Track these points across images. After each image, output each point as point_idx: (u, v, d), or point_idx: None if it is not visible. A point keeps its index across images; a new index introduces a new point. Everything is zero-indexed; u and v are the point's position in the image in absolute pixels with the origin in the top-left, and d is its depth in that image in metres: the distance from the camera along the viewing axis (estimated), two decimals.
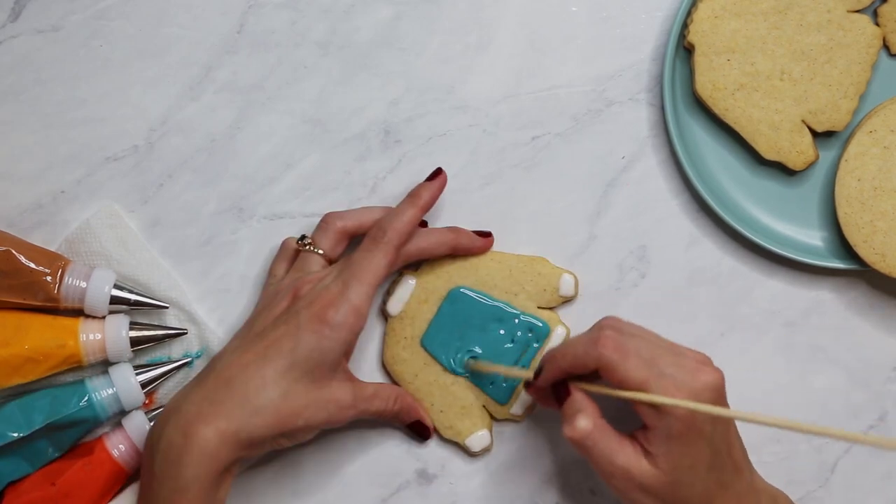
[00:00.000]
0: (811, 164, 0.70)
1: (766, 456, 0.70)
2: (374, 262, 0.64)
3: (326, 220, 0.68)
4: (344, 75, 0.71)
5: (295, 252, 0.69)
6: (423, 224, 0.70)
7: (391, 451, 0.72)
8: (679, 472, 0.59)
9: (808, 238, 0.71)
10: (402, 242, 0.66)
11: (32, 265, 0.66)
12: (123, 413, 0.69)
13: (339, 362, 0.64)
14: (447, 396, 0.70)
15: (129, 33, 0.71)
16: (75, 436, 0.68)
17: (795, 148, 0.70)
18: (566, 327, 0.70)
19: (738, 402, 0.65)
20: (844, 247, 0.70)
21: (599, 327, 0.61)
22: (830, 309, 0.72)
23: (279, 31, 0.71)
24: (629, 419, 0.61)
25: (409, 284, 0.70)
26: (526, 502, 0.72)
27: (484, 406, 0.70)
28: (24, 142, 0.71)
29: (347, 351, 0.65)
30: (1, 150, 0.71)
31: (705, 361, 0.61)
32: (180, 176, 0.71)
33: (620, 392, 0.59)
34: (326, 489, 0.72)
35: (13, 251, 0.66)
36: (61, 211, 0.71)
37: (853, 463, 0.72)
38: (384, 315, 0.71)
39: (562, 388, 0.62)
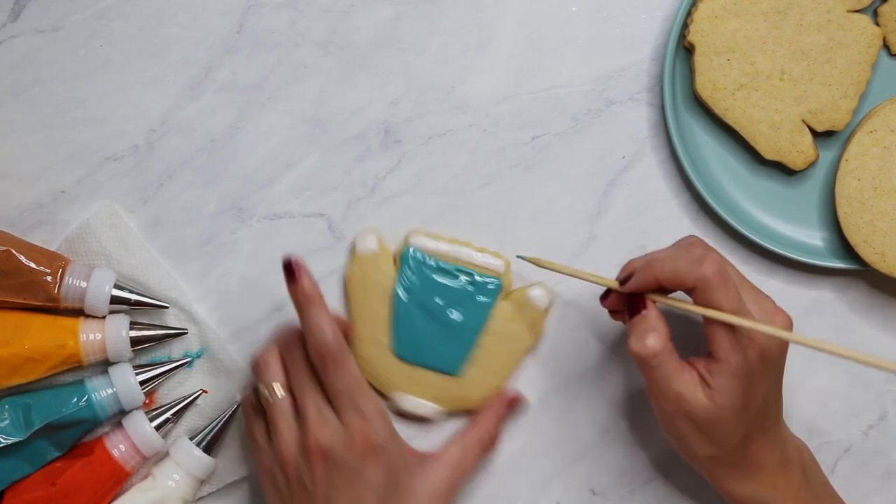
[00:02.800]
0: (811, 164, 0.70)
1: None
2: (352, 373, 0.63)
3: (260, 359, 0.65)
4: (344, 75, 0.71)
5: (259, 408, 0.66)
6: None
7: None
8: (730, 409, 0.60)
9: (808, 238, 0.71)
10: (344, 341, 0.63)
11: (32, 265, 0.66)
12: (123, 413, 0.69)
13: (407, 462, 0.64)
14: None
15: (129, 33, 0.71)
16: (75, 436, 0.68)
17: (795, 148, 0.70)
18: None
19: None
20: (844, 247, 0.70)
21: (693, 243, 0.62)
22: (830, 309, 0.72)
23: (279, 31, 0.71)
24: (687, 349, 0.62)
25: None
26: (526, 502, 0.72)
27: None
28: (24, 142, 0.71)
29: (401, 445, 0.65)
30: (1, 150, 0.71)
31: (777, 309, 0.62)
32: (180, 176, 0.71)
33: (707, 311, 0.60)
34: None
35: (13, 251, 0.66)
36: (61, 211, 0.71)
37: (853, 463, 0.72)
38: None
39: (637, 301, 0.62)
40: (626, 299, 0.63)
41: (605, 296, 0.65)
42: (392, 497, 0.63)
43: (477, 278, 0.69)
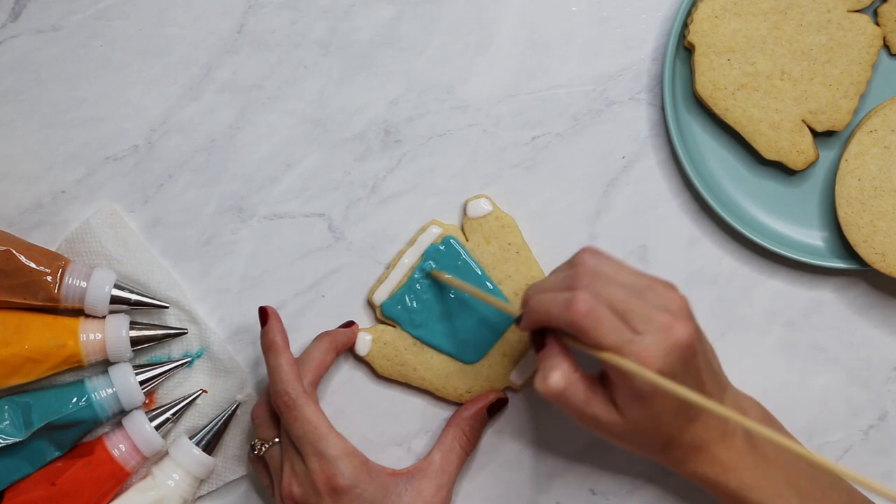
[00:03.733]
0: (811, 164, 0.70)
1: None
2: (309, 419, 0.64)
3: (255, 414, 0.68)
4: (344, 75, 0.71)
5: (260, 459, 0.68)
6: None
7: (392, 452, 0.72)
8: (645, 422, 0.59)
9: (808, 238, 0.71)
10: (304, 387, 0.65)
11: (32, 265, 0.66)
12: (123, 413, 0.69)
13: (387, 490, 0.65)
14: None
15: (129, 33, 0.71)
16: (75, 436, 0.68)
17: (796, 148, 0.70)
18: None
19: None
20: (844, 247, 0.70)
21: (573, 275, 0.60)
22: (830, 309, 0.72)
23: (279, 31, 0.71)
24: None
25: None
26: (526, 502, 0.72)
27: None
28: (24, 142, 0.71)
29: (375, 472, 0.65)
30: (1, 150, 0.71)
31: (680, 311, 0.59)
32: (180, 176, 0.71)
33: (595, 351, 0.58)
34: None
35: (13, 251, 0.66)
36: (61, 211, 0.71)
37: (853, 463, 0.72)
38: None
39: (538, 339, 0.62)
40: (531, 335, 0.63)
41: (519, 321, 0.64)
42: None
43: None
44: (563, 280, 0.61)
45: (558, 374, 0.60)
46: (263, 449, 0.67)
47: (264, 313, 0.67)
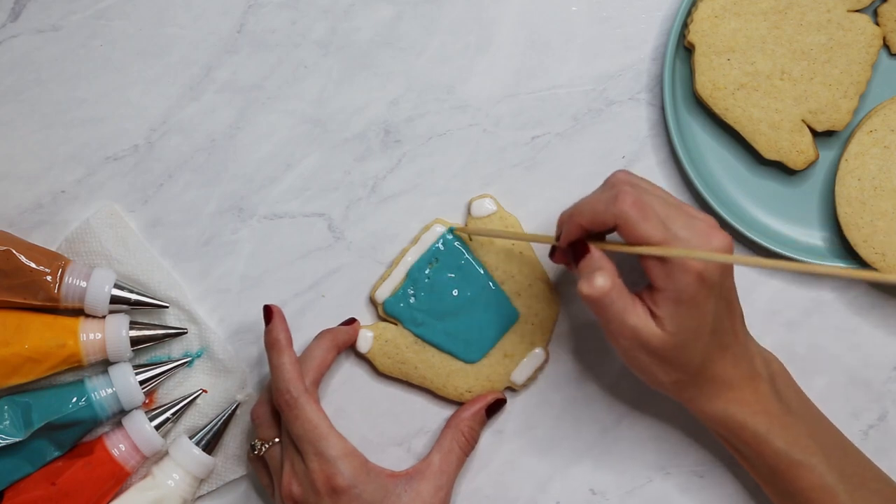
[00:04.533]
0: (811, 164, 0.70)
1: None
2: (309, 417, 0.64)
3: (255, 414, 0.68)
4: (344, 75, 0.71)
5: (260, 459, 0.68)
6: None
7: (392, 452, 0.72)
8: (683, 334, 0.60)
9: (808, 238, 0.71)
10: (306, 386, 0.65)
11: (32, 265, 0.66)
12: (123, 412, 0.69)
13: (386, 490, 0.65)
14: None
15: (129, 33, 0.71)
16: (75, 435, 0.68)
17: (795, 147, 0.70)
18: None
19: None
20: (845, 246, 0.70)
21: (614, 183, 0.61)
22: (830, 309, 0.72)
23: (279, 31, 0.71)
24: (639, 282, 0.62)
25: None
26: (526, 502, 0.72)
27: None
28: (24, 142, 0.71)
29: (374, 473, 0.65)
30: (1, 150, 0.71)
31: (714, 225, 0.61)
32: (180, 176, 0.71)
33: (639, 248, 0.59)
34: None
35: (13, 251, 0.66)
36: (61, 211, 0.71)
37: None
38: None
39: (579, 247, 0.62)
40: (570, 250, 0.63)
41: (552, 253, 0.66)
42: None
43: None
44: (603, 189, 0.62)
45: (603, 275, 0.60)
46: (263, 449, 0.67)
47: (269, 312, 0.67)
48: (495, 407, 0.70)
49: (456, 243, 0.70)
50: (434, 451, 0.68)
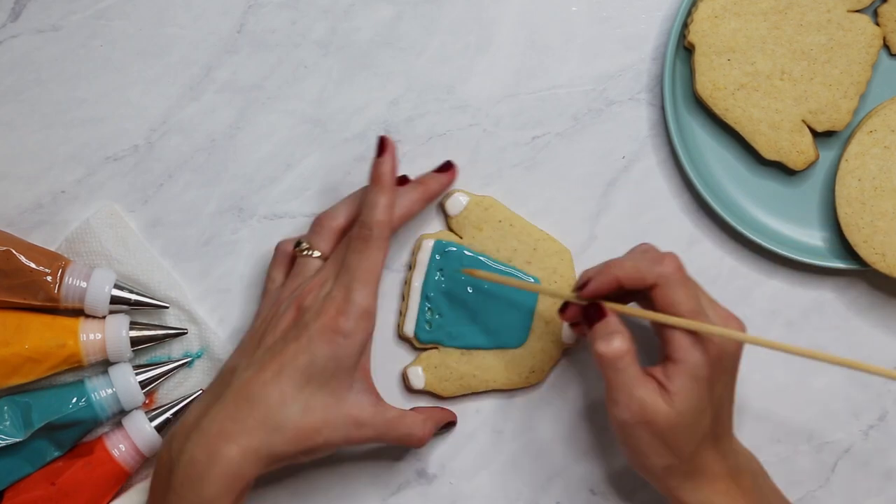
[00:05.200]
0: (811, 164, 0.70)
1: (766, 456, 0.70)
2: (370, 260, 0.64)
3: (320, 221, 0.67)
4: (344, 75, 0.71)
5: (291, 256, 0.68)
6: (402, 181, 0.69)
7: (391, 451, 0.72)
8: (689, 414, 0.60)
9: (808, 238, 0.71)
10: (388, 232, 0.65)
11: (32, 265, 0.66)
12: (123, 413, 0.69)
13: (355, 368, 0.63)
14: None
15: (129, 33, 0.71)
16: (75, 436, 0.68)
17: (795, 148, 0.70)
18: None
19: (739, 401, 0.65)
20: (844, 247, 0.70)
21: (651, 248, 0.63)
22: (830, 309, 0.72)
23: (279, 31, 0.71)
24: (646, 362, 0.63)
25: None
26: (526, 502, 0.72)
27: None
28: (24, 142, 0.71)
29: (363, 356, 0.64)
30: (1, 150, 0.71)
31: (734, 318, 0.63)
32: (180, 176, 0.71)
33: (668, 318, 0.60)
34: (326, 489, 0.72)
35: (13, 251, 0.66)
36: (61, 211, 0.71)
37: (853, 463, 0.72)
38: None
39: (595, 310, 0.62)
40: (584, 310, 0.63)
41: (564, 309, 0.65)
42: (319, 384, 0.62)
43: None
44: (639, 251, 0.63)
45: (621, 338, 0.61)
46: (306, 253, 0.66)
47: (383, 143, 0.65)
48: (449, 425, 0.71)
49: (450, 248, 0.70)
50: (399, 410, 0.66)
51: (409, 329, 0.70)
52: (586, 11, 0.71)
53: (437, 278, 0.70)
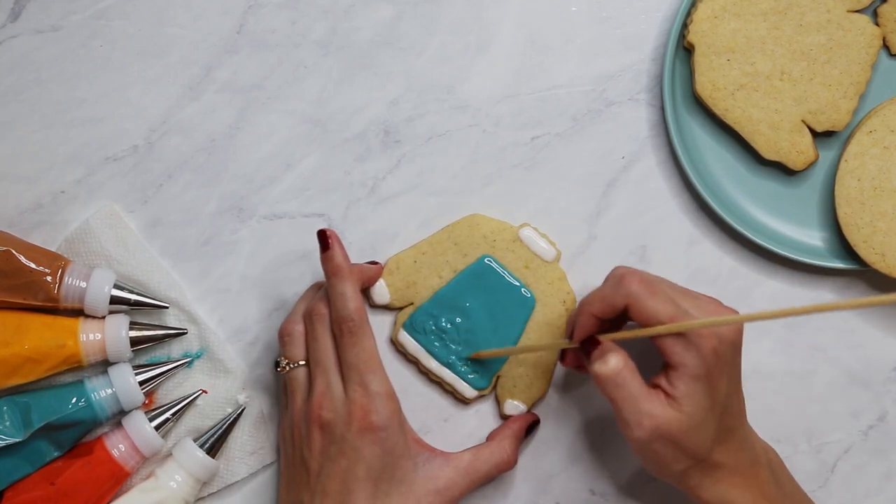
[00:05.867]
0: (811, 164, 0.70)
1: None
2: (366, 348, 0.64)
3: (287, 331, 0.67)
4: (344, 75, 0.71)
5: (283, 380, 0.68)
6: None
7: None
8: (698, 414, 0.60)
9: (808, 238, 0.71)
10: (366, 314, 0.65)
11: (32, 265, 0.66)
12: (123, 413, 0.69)
13: (407, 448, 0.64)
14: (423, 270, 0.71)
15: (129, 33, 0.71)
16: (75, 436, 0.68)
17: (795, 148, 0.70)
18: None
19: None
20: (844, 247, 0.70)
21: (617, 271, 0.63)
22: None
23: (279, 31, 0.71)
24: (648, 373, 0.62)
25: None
26: (526, 502, 0.72)
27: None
28: (24, 142, 0.71)
29: (405, 430, 0.65)
30: (1, 150, 0.71)
31: (719, 303, 0.63)
32: (180, 176, 0.71)
33: (652, 329, 0.60)
34: None
35: (13, 251, 0.66)
36: (61, 211, 0.71)
37: (853, 463, 0.72)
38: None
39: (589, 343, 0.63)
40: (582, 349, 0.64)
41: (563, 357, 0.67)
42: (387, 480, 0.63)
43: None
44: (607, 280, 0.63)
45: (616, 356, 0.61)
46: (288, 368, 0.66)
47: (325, 237, 0.66)
48: (534, 426, 0.71)
49: (419, 321, 0.70)
50: (469, 451, 0.67)
51: (467, 392, 0.71)
52: (586, 11, 0.71)
53: (432, 344, 0.70)
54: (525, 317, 0.70)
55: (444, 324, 0.70)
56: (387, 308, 0.71)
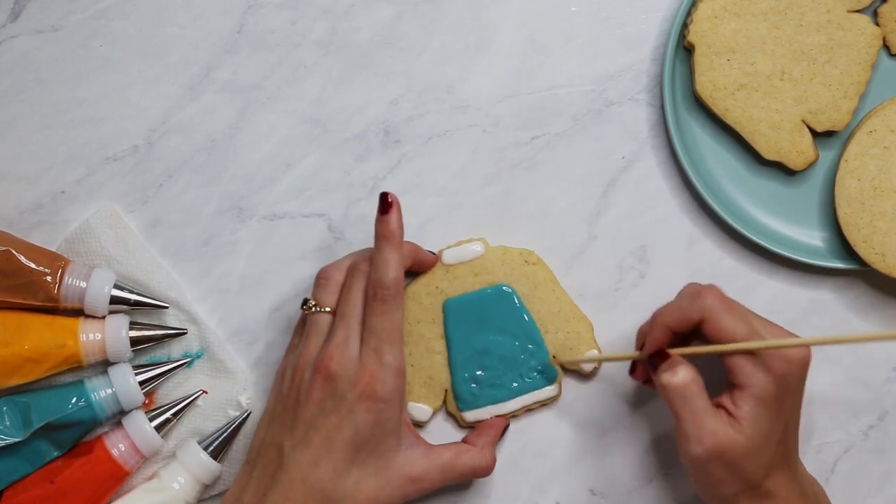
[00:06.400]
0: (811, 164, 0.70)
1: None
2: (393, 320, 0.64)
3: (326, 274, 0.67)
4: (344, 75, 0.71)
5: (302, 316, 0.68)
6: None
7: None
8: (758, 439, 0.60)
9: (808, 238, 0.71)
10: (402, 288, 0.65)
11: (32, 265, 0.66)
12: (123, 413, 0.69)
13: (398, 427, 0.64)
14: (425, 358, 0.70)
15: (129, 33, 0.71)
16: (75, 435, 0.68)
17: (795, 148, 0.70)
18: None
19: None
20: (844, 247, 0.70)
21: (694, 286, 0.63)
22: (830, 309, 0.72)
23: (279, 31, 0.71)
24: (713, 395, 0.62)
25: (474, 250, 0.70)
26: (526, 502, 0.72)
27: (445, 392, 0.71)
28: (24, 142, 0.71)
29: (402, 411, 0.65)
30: (1, 150, 0.71)
31: (790, 333, 0.63)
32: (180, 176, 0.71)
33: (724, 346, 0.60)
34: None
35: (13, 251, 0.66)
36: (61, 211, 0.71)
37: (853, 463, 0.72)
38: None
39: (657, 356, 0.63)
40: (649, 362, 0.64)
41: (633, 369, 0.67)
42: (369, 450, 0.63)
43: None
44: (683, 293, 0.64)
45: (686, 368, 0.61)
46: (315, 310, 0.66)
47: (386, 200, 0.65)
48: (505, 430, 0.71)
49: (463, 392, 0.70)
50: (451, 450, 0.67)
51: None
52: (586, 11, 0.71)
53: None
54: (518, 304, 0.70)
55: (479, 373, 0.70)
56: (434, 412, 0.71)
